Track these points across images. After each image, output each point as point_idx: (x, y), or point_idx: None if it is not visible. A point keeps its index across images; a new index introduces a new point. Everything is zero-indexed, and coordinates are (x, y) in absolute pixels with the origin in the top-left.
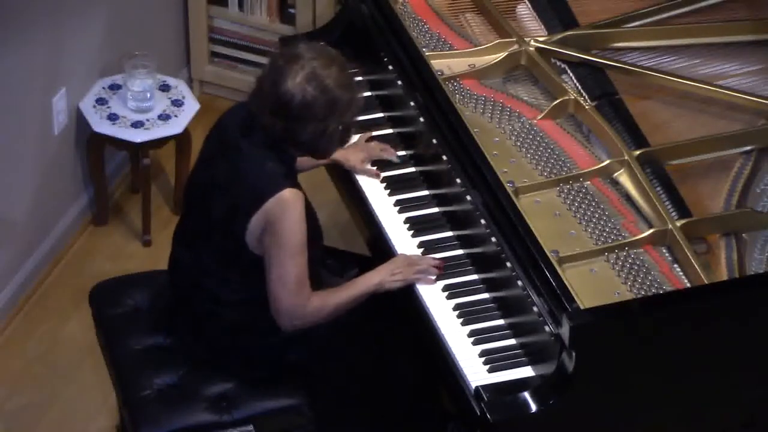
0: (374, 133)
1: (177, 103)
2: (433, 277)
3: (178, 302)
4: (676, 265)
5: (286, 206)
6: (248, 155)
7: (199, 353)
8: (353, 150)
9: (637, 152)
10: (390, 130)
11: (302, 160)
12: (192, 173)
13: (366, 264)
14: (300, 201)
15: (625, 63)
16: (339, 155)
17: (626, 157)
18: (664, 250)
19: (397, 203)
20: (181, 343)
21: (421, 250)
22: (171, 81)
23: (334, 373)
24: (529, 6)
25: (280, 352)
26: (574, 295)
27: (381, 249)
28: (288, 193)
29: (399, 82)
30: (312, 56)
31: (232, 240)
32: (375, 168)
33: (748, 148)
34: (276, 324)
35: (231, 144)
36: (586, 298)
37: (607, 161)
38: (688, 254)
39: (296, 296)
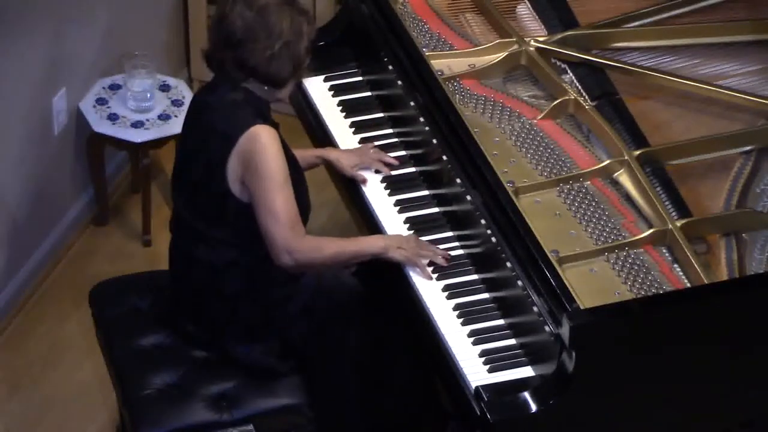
0: (375, 134)
1: (177, 103)
2: (433, 276)
3: (177, 291)
4: (676, 265)
5: (259, 140)
6: (216, 108)
7: (201, 340)
8: (347, 154)
9: (637, 152)
10: (390, 130)
11: (301, 156)
12: (175, 158)
13: (363, 264)
14: (273, 135)
15: (625, 63)
16: (332, 155)
17: (626, 157)
18: (664, 250)
19: (397, 203)
20: (183, 335)
21: None
22: (171, 81)
23: (334, 373)
24: (529, 6)
25: (282, 326)
26: (574, 295)
27: None
28: (259, 128)
29: (399, 82)
30: None
31: (216, 195)
32: (363, 176)
33: (748, 148)
34: (276, 295)
35: (199, 107)
36: (586, 298)
37: (607, 161)
38: (688, 254)
39: (290, 229)
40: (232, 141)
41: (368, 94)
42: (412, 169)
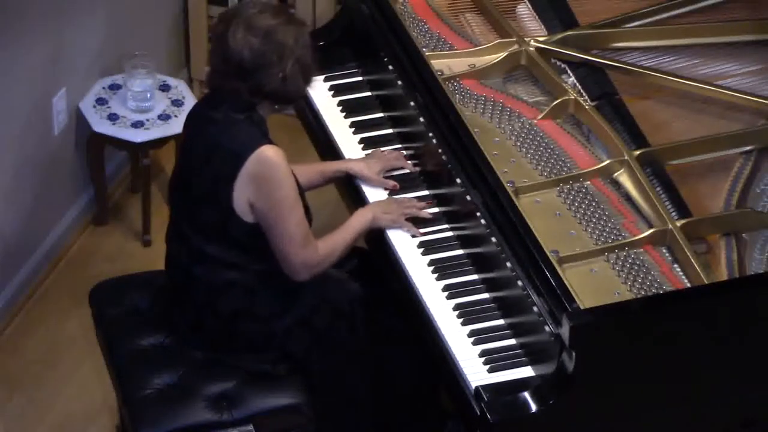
0: (375, 134)
1: (177, 103)
2: (419, 233)
3: (176, 300)
4: (676, 265)
5: (268, 161)
6: (220, 124)
7: (200, 349)
8: (368, 162)
9: (637, 152)
10: (390, 130)
11: (314, 176)
12: (174, 168)
13: (364, 256)
14: (281, 155)
15: (625, 63)
16: (355, 168)
17: (626, 157)
18: (664, 250)
19: None
20: (182, 341)
21: (421, 250)
22: (171, 81)
23: (334, 373)
24: (529, 6)
25: (281, 339)
26: (574, 295)
27: (380, 248)
28: (267, 149)
29: (399, 82)
30: (242, 11)
31: (219, 212)
32: (394, 182)
33: (748, 148)
34: (274, 309)
35: (202, 119)
36: (586, 298)
37: (607, 161)
38: (688, 254)
39: (305, 248)
40: (240, 160)
41: (368, 94)
42: (412, 169)
